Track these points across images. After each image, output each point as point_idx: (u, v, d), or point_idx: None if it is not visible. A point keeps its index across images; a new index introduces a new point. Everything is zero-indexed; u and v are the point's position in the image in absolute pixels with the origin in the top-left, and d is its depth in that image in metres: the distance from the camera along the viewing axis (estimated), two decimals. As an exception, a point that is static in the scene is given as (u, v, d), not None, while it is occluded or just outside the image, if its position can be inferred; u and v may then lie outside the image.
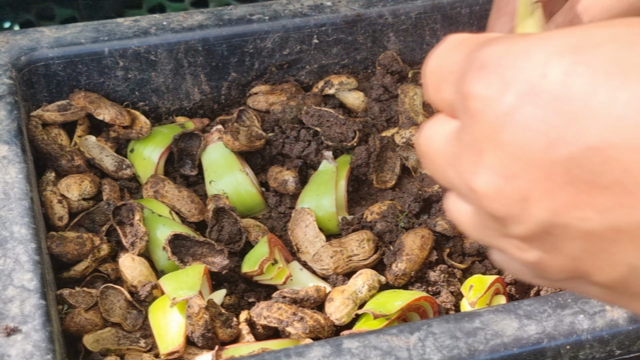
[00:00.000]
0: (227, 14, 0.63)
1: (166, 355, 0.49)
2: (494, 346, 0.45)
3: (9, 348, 0.43)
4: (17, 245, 0.48)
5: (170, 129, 0.62)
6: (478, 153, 0.33)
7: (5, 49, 0.60)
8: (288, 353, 0.44)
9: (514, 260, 0.35)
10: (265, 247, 0.53)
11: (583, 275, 0.33)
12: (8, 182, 0.51)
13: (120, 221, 0.55)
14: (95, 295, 0.51)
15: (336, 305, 0.50)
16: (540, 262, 0.34)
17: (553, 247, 0.33)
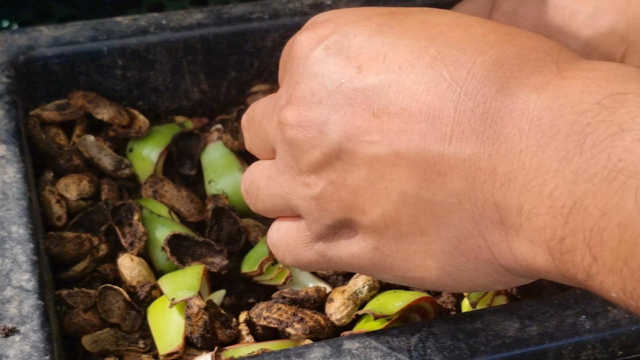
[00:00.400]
0: (227, 13, 0.63)
1: (165, 356, 0.48)
2: (495, 347, 0.44)
3: (7, 349, 0.43)
4: (15, 245, 0.48)
5: (169, 129, 0.62)
6: (293, 86, 0.37)
7: (4, 48, 0.59)
8: (288, 354, 0.44)
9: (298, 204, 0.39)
10: (265, 247, 0.53)
11: (357, 214, 0.37)
12: (6, 182, 0.51)
13: (119, 221, 0.54)
14: (93, 296, 0.51)
15: (336, 306, 0.50)
16: (322, 196, 0.37)
17: (339, 176, 0.37)
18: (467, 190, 0.34)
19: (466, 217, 0.35)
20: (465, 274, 0.37)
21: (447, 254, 0.37)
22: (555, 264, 0.32)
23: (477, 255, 0.36)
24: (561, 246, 0.31)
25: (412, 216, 0.36)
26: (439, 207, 0.35)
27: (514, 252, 0.34)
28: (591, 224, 0.30)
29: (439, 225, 0.36)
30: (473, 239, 0.36)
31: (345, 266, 0.41)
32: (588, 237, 0.30)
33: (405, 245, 0.37)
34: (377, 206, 0.36)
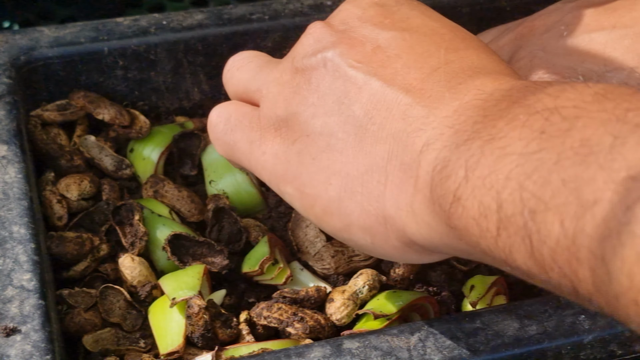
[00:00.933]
0: (227, 13, 0.63)
1: (166, 355, 0.49)
2: (495, 346, 0.45)
3: (8, 348, 0.43)
4: (16, 245, 0.48)
5: (170, 129, 0.62)
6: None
7: (5, 49, 0.60)
8: (288, 353, 0.44)
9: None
10: (265, 247, 0.53)
11: (307, 112, 0.43)
12: (7, 182, 0.51)
13: (120, 221, 0.54)
14: (94, 296, 0.51)
15: (337, 306, 0.50)
16: (291, 85, 0.44)
17: (314, 79, 0.43)
18: (398, 131, 0.39)
19: (384, 151, 0.40)
20: (352, 205, 0.41)
21: (350, 177, 0.41)
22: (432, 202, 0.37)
23: (371, 189, 0.40)
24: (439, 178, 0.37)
25: (346, 134, 0.41)
26: (370, 136, 0.40)
27: (401, 199, 0.39)
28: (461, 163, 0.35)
29: (360, 150, 0.40)
30: (378, 173, 0.40)
31: (257, 166, 0.45)
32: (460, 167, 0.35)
33: (323, 159, 0.42)
34: (327, 115, 0.42)
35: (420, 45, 0.41)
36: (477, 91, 0.38)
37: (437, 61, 0.40)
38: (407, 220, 0.39)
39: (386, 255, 0.43)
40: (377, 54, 0.42)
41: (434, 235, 0.38)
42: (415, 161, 0.38)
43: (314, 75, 0.43)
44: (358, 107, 0.41)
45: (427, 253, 0.41)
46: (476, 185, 0.34)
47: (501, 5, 0.67)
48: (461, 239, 0.36)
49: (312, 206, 0.43)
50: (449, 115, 0.38)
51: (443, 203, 0.36)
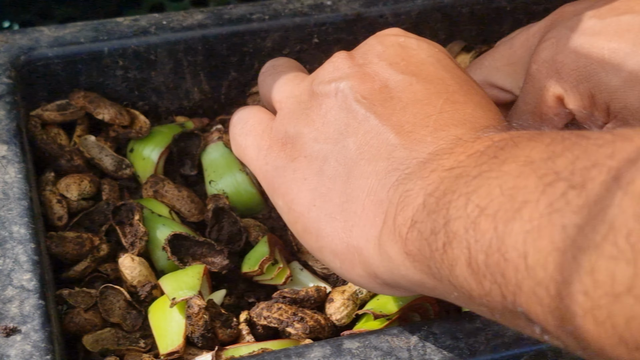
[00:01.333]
0: (227, 13, 0.63)
1: (166, 355, 0.49)
2: (495, 346, 0.45)
3: (8, 348, 0.43)
4: (17, 245, 0.48)
5: (169, 129, 0.62)
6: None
7: (5, 49, 0.60)
8: (288, 353, 0.44)
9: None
10: (265, 247, 0.53)
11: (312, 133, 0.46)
12: (7, 182, 0.51)
13: (120, 221, 0.54)
14: (94, 296, 0.51)
15: (336, 306, 0.50)
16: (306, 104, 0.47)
17: (327, 104, 0.46)
18: (381, 169, 0.42)
19: (366, 186, 0.43)
20: (329, 229, 0.44)
21: (333, 204, 0.44)
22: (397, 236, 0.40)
23: (348, 219, 0.43)
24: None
25: (338, 163, 0.45)
26: (358, 169, 0.44)
27: (371, 232, 0.42)
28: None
29: (347, 181, 0.44)
30: (356, 204, 0.43)
31: (260, 173, 0.48)
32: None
33: (313, 181, 0.45)
34: (326, 142, 0.45)
35: (423, 92, 0.44)
36: (453, 138, 0.41)
37: (433, 109, 0.43)
38: (372, 252, 0.42)
39: (352, 281, 0.45)
40: (383, 93, 0.45)
41: (393, 268, 0.41)
42: (387, 196, 0.41)
43: (325, 102, 0.46)
44: (353, 140, 0.44)
45: (389, 287, 0.43)
46: (431, 208, 0.37)
47: (501, 5, 0.67)
48: (415, 265, 0.39)
49: (295, 222, 0.46)
50: (423, 157, 0.41)
51: (402, 230, 0.39)
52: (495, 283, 0.34)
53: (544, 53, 0.51)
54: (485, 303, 0.35)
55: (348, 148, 0.44)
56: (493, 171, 0.35)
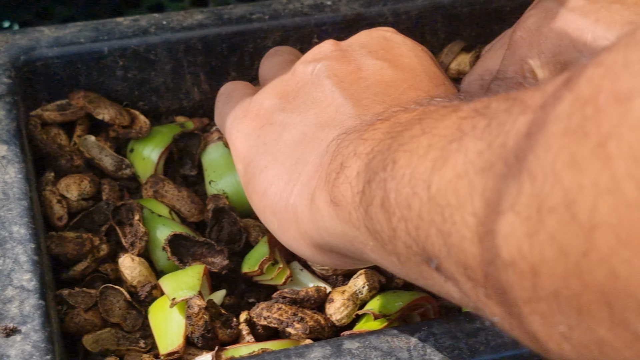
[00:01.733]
0: (227, 13, 0.63)
1: (166, 355, 0.49)
2: (495, 346, 0.45)
3: (8, 348, 0.43)
4: (17, 245, 0.48)
5: (170, 129, 0.62)
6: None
7: (5, 49, 0.60)
8: (288, 354, 0.44)
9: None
10: (265, 247, 0.53)
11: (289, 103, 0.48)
12: (7, 182, 0.51)
13: (120, 221, 0.54)
14: (94, 296, 0.51)
15: (336, 307, 0.50)
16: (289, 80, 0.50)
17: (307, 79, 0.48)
18: (334, 137, 0.44)
19: (316, 152, 0.45)
20: (274, 189, 0.46)
21: (284, 167, 0.46)
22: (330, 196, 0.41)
23: (293, 179, 0.45)
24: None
25: (297, 130, 0.46)
26: (313, 136, 0.45)
27: (307, 189, 0.43)
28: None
29: (300, 146, 0.45)
30: (302, 166, 0.45)
31: (230, 140, 0.50)
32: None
33: (272, 145, 0.47)
34: (292, 111, 0.47)
35: (391, 76, 0.47)
36: (402, 109, 0.42)
37: (394, 91, 0.46)
38: (305, 208, 0.43)
39: (289, 244, 0.46)
40: (353, 74, 0.47)
41: (319, 219, 0.42)
42: (326, 152, 0.43)
43: (302, 78, 0.48)
44: (315, 111, 0.46)
45: (318, 251, 0.44)
46: (359, 153, 0.39)
47: (501, 5, 0.67)
48: (338, 214, 0.40)
49: (248, 183, 0.48)
50: (367, 120, 0.43)
51: (331, 176, 0.41)
52: (402, 219, 0.35)
53: (530, 21, 0.52)
54: (394, 250, 0.36)
55: (309, 118, 0.46)
56: (424, 120, 0.37)
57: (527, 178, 0.27)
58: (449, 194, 0.31)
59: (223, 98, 0.54)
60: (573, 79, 0.27)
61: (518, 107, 0.30)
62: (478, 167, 0.30)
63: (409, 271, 0.37)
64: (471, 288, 0.31)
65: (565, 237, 0.25)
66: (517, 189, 0.27)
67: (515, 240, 0.27)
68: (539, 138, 0.27)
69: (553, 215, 0.26)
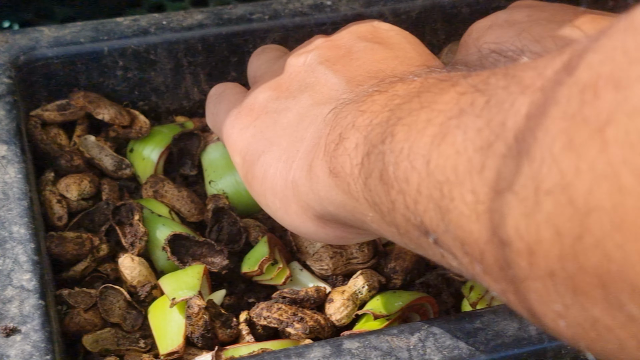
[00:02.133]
0: (227, 13, 0.63)
1: (166, 355, 0.49)
2: (495, 346, 0.45)
3: (8, 348, 0.43)
4: (16, 245, 0.48)
5: (169, 129, 0.62)
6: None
7: (4, 48, 0.60)
8: (288, 353, 0.44)
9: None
10: (265, 247, 0.53)
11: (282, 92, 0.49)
12: (7, 182, 0.51)
13: (120, 221, 0.54)
14: (94, 296, 0.51)
15: (336, 307, 0.50)
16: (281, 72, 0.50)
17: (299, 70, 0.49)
18: (328, 112, 0.44)
19: (312, 129, 0.45)
20: (273, 170, 0.46)
21: (281, 148, 0.46)
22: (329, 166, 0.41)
23: (291, 157, 0.45)
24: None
25: (292, 113, 0.47)
26: (308, 117, 0.46)
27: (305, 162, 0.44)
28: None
29: (297, 127, 0.46)
30: (299, 143, 0.45)
31: (226, 136, 0.50)
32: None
33: (268, 132, 0.47)
34: (286, 98, 0.48)
35: (382, 55, 0.47)
36: (397, 80, 0.42)
37: (386, 67, 0.46)
38: (305, 180, 0.43)
39: (291, 223, 0.46)
40: (345, 57, 0.48)
41: (320, 189, 0.42)
42: (324, 125, 0.44)
43: (294, 69, 0.49)
44: (309, 93, 0.47)
45: (321, 223, 0.45)
46: (358, 124, 0.40)
47: (501, 5, 0.67)
48: (337, 184, 0.41)
49: (247, 172, 0.48)
50: (364, 91, 0.43)
51: (330, 147, 0.41)
52: (401, 192, 0.35)
53: (479, 25, 0.53)
54: (393, 221, 0.36)
55: (303, 100, 0.47)
56: (422, 94, 0.37)
57: (526, 159, 0.27)
58: (448, 170, 0.32)
59: (214, 99, 0.54)
60: (572, 63, 0.27)
61: (517, 87, 0.30)
62: (477, 145, 0.30)
63: (408, 242, 0.37)
64: (469, 263, 0.32)
65: (561, 219, 0.26)
66: (515, 169, 0.28)
67: (513, 220, 0.28)
68: (538, 120, 0.27)
69: (550, 197, 0.26)
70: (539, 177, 0.26)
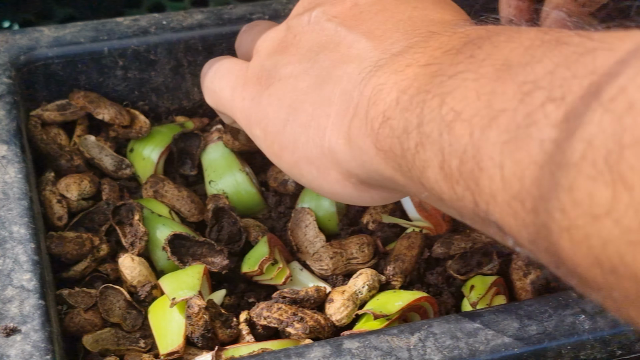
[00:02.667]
0: (227, 13, 0.63)
1: (166, 355, 0.49)
2: (495, 346, 0.45)
3: (8, 348, 0.43)
4: (16, 245, 0.48)
5: (169, 129, 0.62)
6: None
7: (5, 49, 0.60)
8: (288, 353, 0.44)
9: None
10: (265, 247, 0.53)
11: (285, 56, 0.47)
12: (7, 182, 0.51)
13: (120, 221, 0.54)
14: (94, 296, 0.51)
15: (336, 307, 0.50)
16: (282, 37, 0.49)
17: (299, 28, 0.48)
18: (351, 70, 0.43)
19: (337, 89, 0.43)
20: (304, 138, 0.44)
21: (306, 114, 0.44)
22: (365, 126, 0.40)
23: (320, 122, 0.43)
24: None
25: (309, 76, 0.45)
26: (330, 77, 0.44)
27: (341, 127, 0.42)
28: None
29: (318, 88, 0.44)
30: (328, 107, 0.43)
31: (236, 110, 0.49)
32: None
33: (287, 99, 0.46)
34: (299, 62, 0.46)
35: (392, 3, 0.45)
36: (427, 32, 0.41)
37: (402, 15, 0.44)
38: (344, 148, 0.42)
39: (330, 190, 0.45)
40: (353, 10, 0.46)
41: (366, 161, 0.41)
42: (357, 91, 0.42)
43: (299, 30, 0.47)
44: (325, 53, 0.45)
45: (365, 188, 0.44)
46: (404, 106, 0.37)
47: (501, 5, 0.67)
48: (386, 162, 0.39)
49: (272, 143, 0.46)
50: (393, 52, 0.41)
51: (374, 124, 0.39)
52: (468, 190, 0.33)
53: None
54: (456, 207, 0.35)
55: (320, 61, 0.45)
56: (470, 72, 0.35)
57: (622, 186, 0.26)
58: (527, 182, 0.30)
59: (211, 76, 0.52)
60: None
61: (583, 84, 0.29)
62: (562, 161, 0.29)
63: (469, 222, 0.36)
64: (562, 274, 0.31)
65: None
66: (611, 194, 0.27)
67: (616, 247, 0.27)
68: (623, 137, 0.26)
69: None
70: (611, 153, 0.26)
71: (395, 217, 0.57)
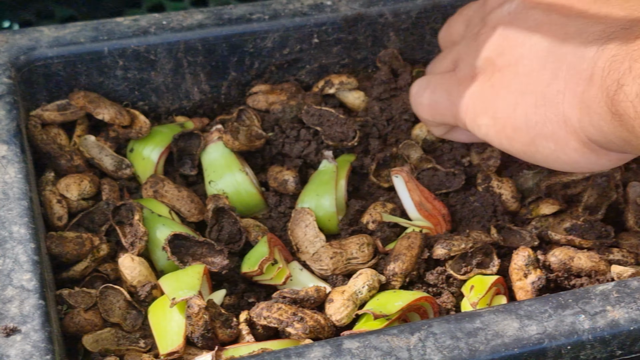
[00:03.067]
0: (227, 13, 0.63)
1: (166, 355, 0.49)
2: (495, 346, 0.45)
3: (8, 348, 0.43)
4: (16, 245, 0.48)
5: (169, 129, 0.62)
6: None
7: (5, 49, 0.60)
8: (288, 353, 0.44)
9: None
10: (265, 247, 0.53)
11: (499, 55, 0.51)
12: (7, 182, 0.51)
13: (120, 221, 0.54)
14: (94, 296, 0.51)
15: (336, 307, 0.50)
16: (483, 37, 0.52)
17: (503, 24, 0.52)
18: (576, 46, 0.46)
19: (563, 65, 0.46)
20: (537, 117, 0.47)
21: (535, 94, 0.48)
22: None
23: (552, 99, 0.47)
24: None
25: (529, 59, 0.48)
26: (550, 56, 0.47)
27: (577, 98, 0.45)
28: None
29: (542, 69, 0.47)
30: (557, 83, 0.46)
31: (459, 110, 0.53)
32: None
33: (512, 84, 0.49)
34: (513, 48, 0.49)
35: None
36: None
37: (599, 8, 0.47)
38: (581, 116, 0.45)
39: (568, 160, 0.48)
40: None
41: (603, 125, 0.44)
42: (590, 64, 0.45)
43: (500, 23, 0.51)
44: (538, 36, 0.48)
45: (604, 152, 0.47)
46: (637, 73, 0.41)
47: (501, 5, 0.67)
48: (621, 124, 0.43)
49: (503, 128, 0.49)
50: (622, 24, 0.44)
51: (609, 91, 0.43)
52: None
53: None
54: None
55: (535, 44, 0.48)
56: None
57: None
58: None
59: (422, 93, 0.56)
60: None
61: None
62: None
63: None
64: None
65: None
66: None
67: None
68: None
69: None
70: None
71: (395, 217, 0.57)
